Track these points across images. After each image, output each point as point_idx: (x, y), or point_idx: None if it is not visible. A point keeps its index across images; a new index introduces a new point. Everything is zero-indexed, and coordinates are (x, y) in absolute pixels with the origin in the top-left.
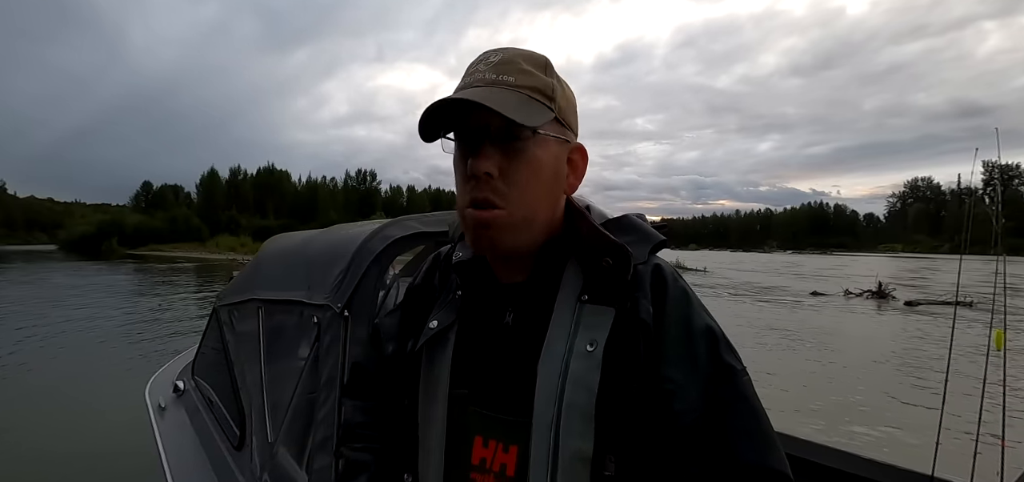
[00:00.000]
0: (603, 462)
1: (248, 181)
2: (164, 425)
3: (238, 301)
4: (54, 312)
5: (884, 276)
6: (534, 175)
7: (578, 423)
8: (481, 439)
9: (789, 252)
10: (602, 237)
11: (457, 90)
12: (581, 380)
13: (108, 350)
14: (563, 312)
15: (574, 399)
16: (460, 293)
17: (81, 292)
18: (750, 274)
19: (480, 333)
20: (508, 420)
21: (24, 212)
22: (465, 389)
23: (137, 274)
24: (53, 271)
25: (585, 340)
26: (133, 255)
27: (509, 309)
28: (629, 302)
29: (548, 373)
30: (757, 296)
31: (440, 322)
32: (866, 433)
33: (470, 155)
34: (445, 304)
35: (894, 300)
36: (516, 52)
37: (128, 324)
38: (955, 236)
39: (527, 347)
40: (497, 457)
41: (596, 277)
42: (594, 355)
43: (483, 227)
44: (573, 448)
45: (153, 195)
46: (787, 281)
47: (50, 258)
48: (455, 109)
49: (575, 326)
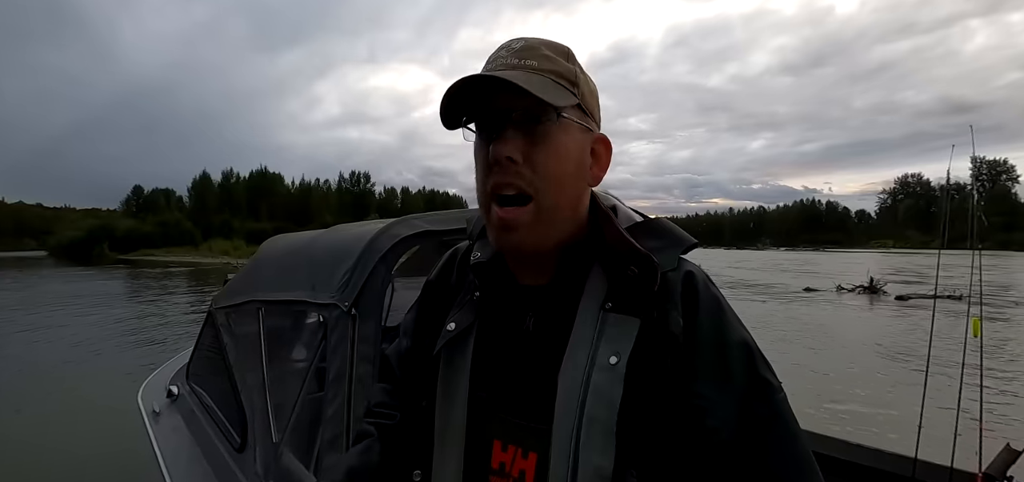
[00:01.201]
0: (624, 477)
1: (241, 184)
2: (159, 430)
3: (236, 303)
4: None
5: (876, 271)
6: (559, 160)
7: (598, 438)
8: (500, 444)
9: (783, 249)
10: (627, 244)
11: (460, 78)
12: (603, 394)
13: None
14: (586, 320)
15: (595, 413)
16: (478, 294)
17: (79, 298)
18: (744, 271)
19: (500, 336)
20: (528, 426)
21: (13, 218)
22: (484, 392)
23: (132, 280)
24: (48, 279)
25: (608, 352)
26: (125, 260)
27: (530, 313)
28: (656, 312)
29: (569, 384)
30: (751, 292)
31: (458, 324)
32: (853, 419)
33: (491, 140)
34: (463, 304)
35: (885, 295)
36: (538, 40)
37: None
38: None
39: (548, 354)
40: (516, 463)
41: (621, 285)
42: (617, 369)
43: (507, 229)
44: (593, 463)
45: (144, 199)
46: (779, 277)
47: (40, 264)
48: (476, 96)
49: (598, 336)
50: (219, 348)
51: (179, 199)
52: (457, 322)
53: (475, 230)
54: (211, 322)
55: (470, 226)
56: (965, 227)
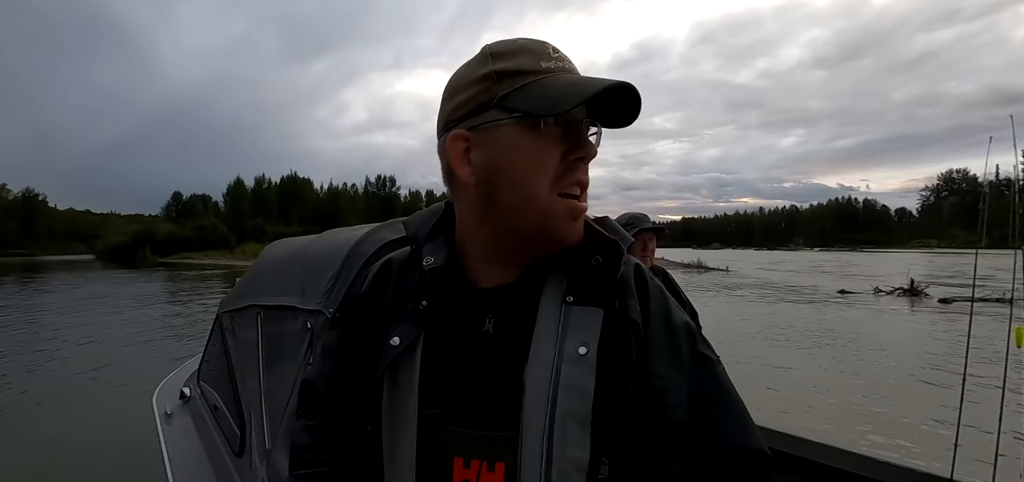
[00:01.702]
0: (597, 467)
1: (272, 189)
2: (170, 431)
3: (239, 307)
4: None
5: (917, 272)
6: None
7: (573, 431)
8: (461, 460)
9: (816, 249)
10: (595, 233)
11: (602, 83)
12: (575, 385)
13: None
14: (548, 315)
15: (568, 406)
16: (425, 304)
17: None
18: (774, 273)
19: (453, 345)
20: (492, 436)
21: (65, 223)
22: (438, 409)
23: (172, 282)
24: (93, 281)
25: (576, 343)
26: (165, 263)
27: (489, 315)
28: (618, 302)
29: (537, 380)
30: (782, 295)
31: (402, 338)
32: (882, 435)
33: (582, 139)
34: (405, 317)
35: (927, 297)
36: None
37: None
38: (994, 230)
39: (511, 354)
40: (482, 477)
41: (581, 278)
42: (588, 358)
43: (576, 218)
44: (568, 457)
45: (183, 205)
46: (812, 279)
47: (89, 267)
48: (596, 96)
49: (563, 329)
50: (224, 351)
51: (215, 204)
52: (401, 336)
53: (420, 232)
54: (218, 325)
55: (410, 230)
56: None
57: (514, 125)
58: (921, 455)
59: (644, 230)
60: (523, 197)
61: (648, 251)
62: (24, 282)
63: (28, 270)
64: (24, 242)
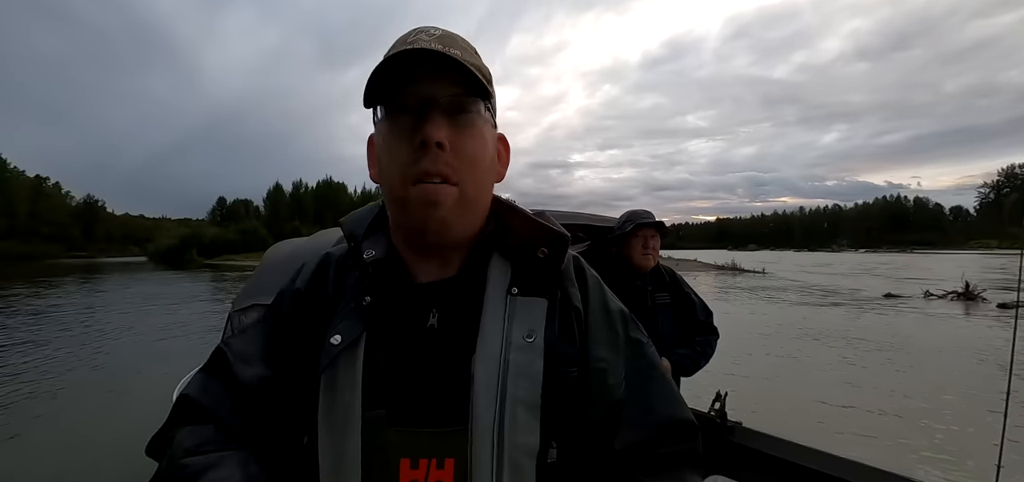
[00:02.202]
0: (546, 451)
1: (309, 194)
2: None
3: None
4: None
5: (974, 275)
6: (482, 150)
7: (523, 416)
8: (408, 461)
9: (862, 251)
10: (539, 227)
11: (399, 50)
12: (524, 371)
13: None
14: (494, 307)
15: (517, 392)
16: (369, 299)
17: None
18: (816, 276)
19: (396, 342)
20: (439, 432)
21: (121, 227)
22: (382, 409)
23: (217, 282)
24: (143, 281)
25: (522, 331)
26: (210, 265)
27: (433, 310)
28: (560, 292)
29: (486, 370)
30: (819, 296)
31: (345, 336)
32: (928, 453)
33: (415, 125)
34: (347, 314)
35: (985, 302)
36: (454, 33)
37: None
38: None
39: (457, 348)
40: (431, 475)
41: (525, 269)
42: (535, 344)
43: (433, 205)
44: (519, 443)
45: (227, 209)
46: (857, 282)
47: (141, 268)
48: (397, 78)
49: (508, 319)
50: None
51: (256, 208)
52: (342, 333)
53: (357, 229)
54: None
55: (346, 227)
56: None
57: (383, 119)
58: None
59: (643, 225)
60: (388, 190)
61: (649, 248)
62: (82, 282)
63: (88, 271)
64: (85, 245)
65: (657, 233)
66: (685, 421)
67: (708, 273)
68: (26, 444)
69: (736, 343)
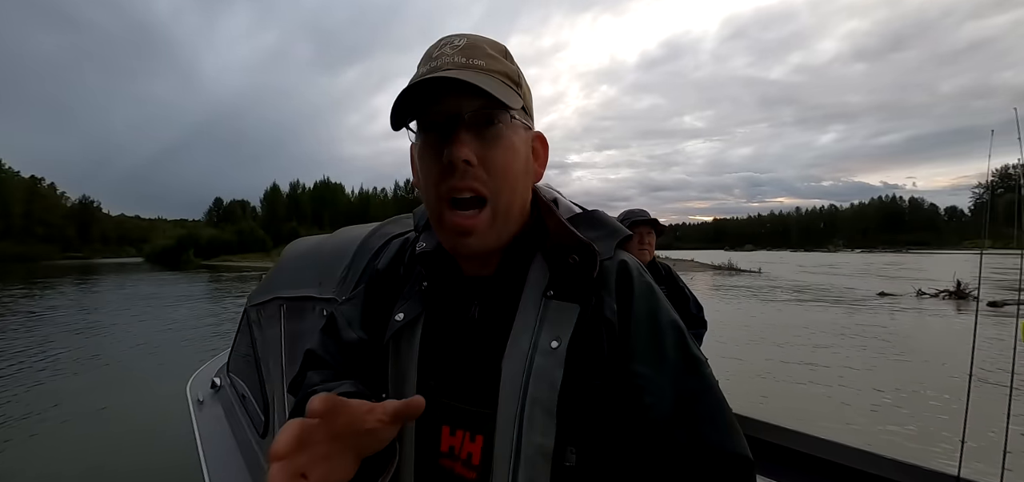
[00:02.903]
0: (564, 454)
1: (306, 194)
2: (202, 417)
3: (264, 301)
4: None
5: (966, 274)
6: (512, 160)
7: (540, 418)
8: (448, 428)
9: (858, 251)
10: (569, 234)
11: (423, 75)
12: (544, 377)
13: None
14: (528, 308)
15: (537, 395)
16: (426, 285)
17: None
18: (811, 276)
19: (446, 326)
20: (474, 411)
21: (116, 228)
22: (433, 380)
23: (212, 283)
24: (139, 282)
25: (549, 337)
26: (207, 265)
27: (475, 303)
28: (594, 299)
29: (512, 369)
30: (813, 296)
31: (406, 314)
32: (907, 434)
33: (443, 143)
34: (411, 295)
35: (975, 300)
36: (479, 37)
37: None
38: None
39: (492, 342)
40: (464, 445)
41: (562, 273)
42: (558, 352)
43: (464, 234)
44: (535, 442)
45: (223, 210)
46: (850, 281)
47: (137, 269)
48: (424, 97)
49: (540, 322)
50: (252, 342)
51: (253, 209)
52: (405, 312)
53: (420, 222)
54: (246, 319)
55: (416, 218)
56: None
57: (417, 134)
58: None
59: (639, 222)
60: (425, 204)
61: (645, 245)
62: (77, 283)
63: (83, 272)
64: (80, 246)
65: (652, 230)
66: (738, 456)
67: (705, 273)
68: (45, 443)
69: (731, 337)
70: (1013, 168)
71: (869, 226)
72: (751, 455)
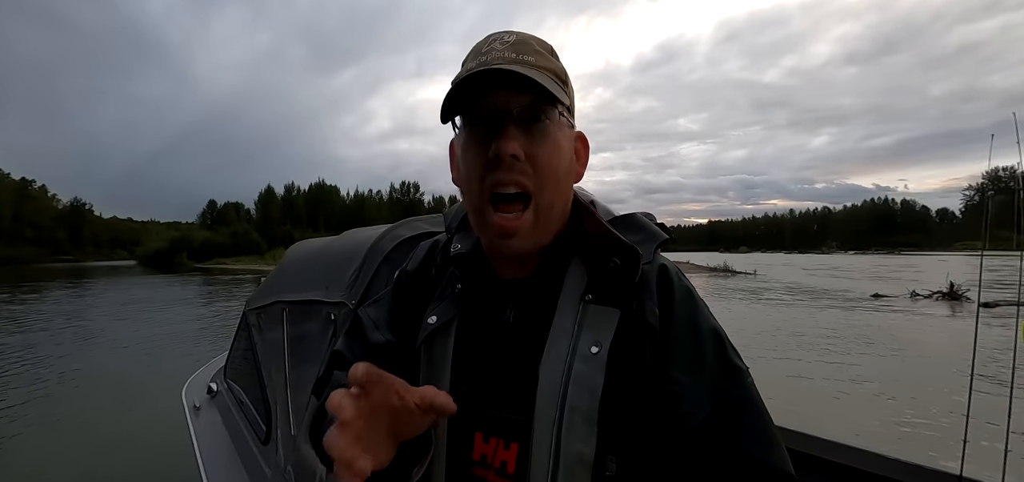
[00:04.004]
0: (604, 463)
1: (301, 196)
2: (199, 424)
3: (265, 304)
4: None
5: (959, 276)
6: (558, 158)
7: (580, 426)
8: (481, 435)
9: (850, 253)
10: (611, 236)
11: (475, 68)
12: (584, 383)
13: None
14: (566, 312)
15: (577, 402)
16: (460, 287)
17: None
18: (805, 277)
19: (480, 329)
20: (509, 418)
21: (108, 231)
22: (465, 385)
23: (209, 286)
24: (131, 286)
25: (589, 342)
26: (200, 268)
27: (510, 306)
28: (635, 304)
29: (550, 374)
30: (811, 296)
31: (439, 317)
32: (896, 436)
33: (492, 137)
34: (443, 297)
35: (969, 301)
36: (527, 35)
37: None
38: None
39: (528, 346)
40: (498, 454)
41: (601, 277)
42: (598, 358)
43: (507, 235)
44: (574, 450)
45: (217, 212)
46: (844, 283)
47: (130, 272)
48: (471, 90)
49: (578, 327)
50: (251, 347)
51: (247, 211)
52: (438, 315)
53: (453, 222)
54: (244, 322)
55: (447, 218)
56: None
57: (461, 130)
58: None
59: None
60: (467, 200)
61: None
62: (68, 287)
63: (74, 275)
64: (71, 249)
65: None
66: (779, 472)
67: (701, 275)
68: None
69: None
70: (1003, 170)
71: (862, 228)
72: (793, 471)
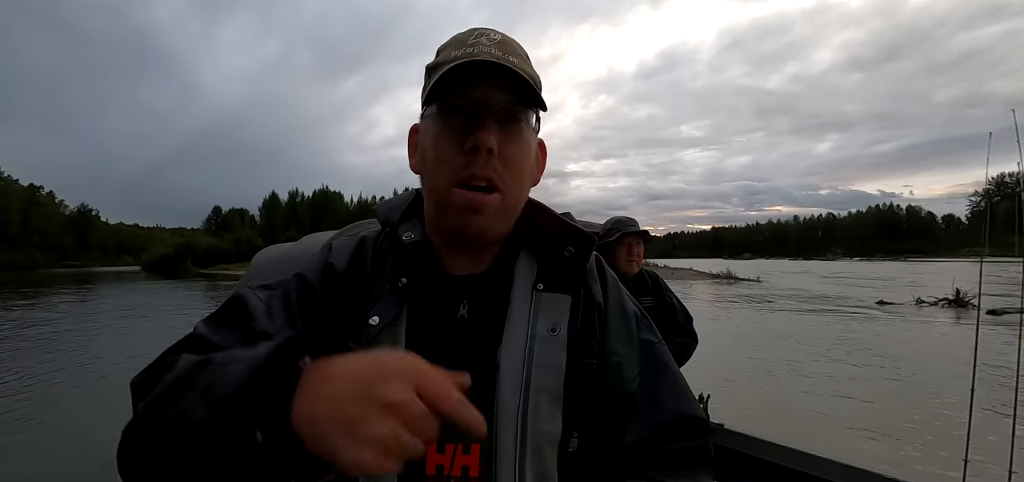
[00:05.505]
0: (567, 440)
1: (305, 203)
2: None
3: None
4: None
5: (965, 282)
6: (525, 158)
7: (546, 405)
8: (434, 446)
9: (856, 259)
10: (566, 227)
11: (463, 58)
12: (548, 363)
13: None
14: (520, 301)
15: (541, 382)
16: (404, 281)
17: None
18: (811, 285)
19: (431, 327)
20: None
21: (114, 237)
22: None
23: (209, 291)
24: (135, 291)
25: (546, 325)
26: (204, 274)
27: (463, 302)
28: (583, 288)
29: (511, 360)
30: (817, 304)
31: (382, 316)
32: (898, 451)
33: (470, 128)
34: (384, 294)
35: (975, 308)
36: (511, 38)
37: None
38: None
39: (485, 339)
40: (457, 460)
41: (551, 266)
42: (558, 337)
43: (475, 211)
44: (541, 431)
45: (222, 218)
46: (849, 290)
47: (135, 278)
48: (453, 80)
49: (534, 313)
50: None
51: (252, 218)
52: (380, 314)
53: (393, 214)
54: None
55: (383, 211)
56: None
57: (432, 117)
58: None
59: (628, 233)
60: (430, 187)
61: (633, 255)
62: (74, 292)
63: (80, 281)
64: (78, 254)
65: (641, 241)
66: (695, 418)
67: (704, 282)
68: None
69: (728, 348)
70: (1010, 176)
71: (867, 234)
72: (704, 416)
